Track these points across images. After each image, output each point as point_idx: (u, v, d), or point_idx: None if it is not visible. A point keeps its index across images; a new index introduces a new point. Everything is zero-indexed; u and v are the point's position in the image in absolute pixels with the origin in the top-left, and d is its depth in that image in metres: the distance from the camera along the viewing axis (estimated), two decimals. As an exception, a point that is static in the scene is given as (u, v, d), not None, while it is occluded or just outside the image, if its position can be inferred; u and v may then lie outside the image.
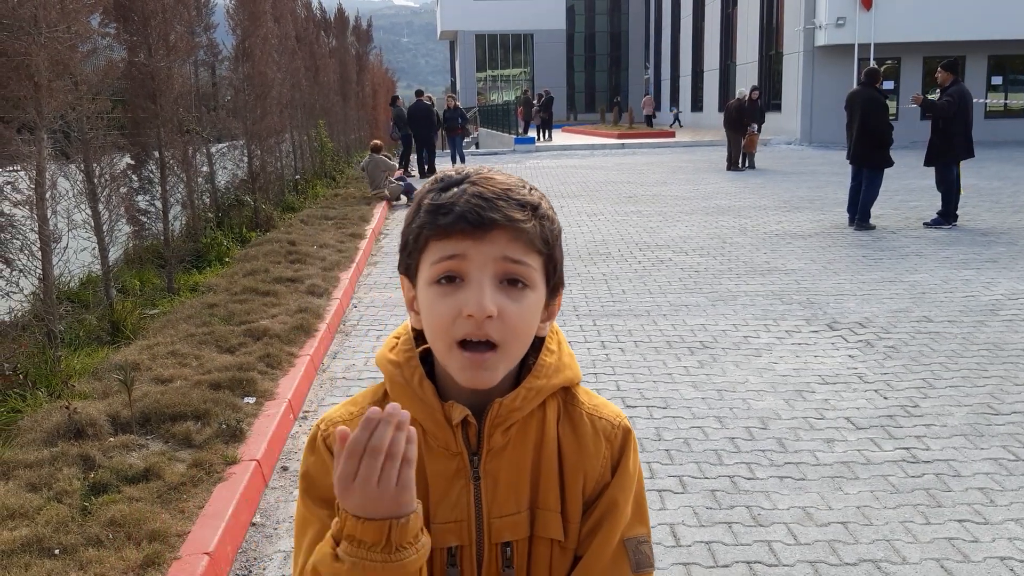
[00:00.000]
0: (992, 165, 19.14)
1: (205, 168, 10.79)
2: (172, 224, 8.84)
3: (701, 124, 43.05)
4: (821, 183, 17.10)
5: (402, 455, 1.02)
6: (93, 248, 6.78)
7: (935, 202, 11.84)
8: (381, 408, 1.18)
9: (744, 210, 13.54)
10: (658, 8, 54.51)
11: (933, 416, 4.89)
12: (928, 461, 4.31)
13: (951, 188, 11.36)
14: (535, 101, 36.30)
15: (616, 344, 6.45)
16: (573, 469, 1.22)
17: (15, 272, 5.56)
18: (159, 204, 8.63)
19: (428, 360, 1.22)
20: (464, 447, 1.19)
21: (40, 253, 5.73)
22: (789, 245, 10.33)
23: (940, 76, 11.49)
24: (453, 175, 1.15)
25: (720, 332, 6.68)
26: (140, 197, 8.70)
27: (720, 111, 28.88)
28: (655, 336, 6.63)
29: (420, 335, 1.23)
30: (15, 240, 5.57)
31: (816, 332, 6.62)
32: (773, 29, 33.80)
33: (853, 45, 27.36)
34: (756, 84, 26.84)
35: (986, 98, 28.32)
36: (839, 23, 27.77)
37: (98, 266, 6.94)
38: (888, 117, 11.57)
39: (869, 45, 27.03)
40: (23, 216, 5.67)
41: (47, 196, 5.77)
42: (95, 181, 6.61)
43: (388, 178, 16.11)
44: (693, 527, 3.69)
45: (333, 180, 18.67)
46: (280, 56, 14.09)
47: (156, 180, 8.69)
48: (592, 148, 30.61)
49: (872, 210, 11.55)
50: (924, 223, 11.56)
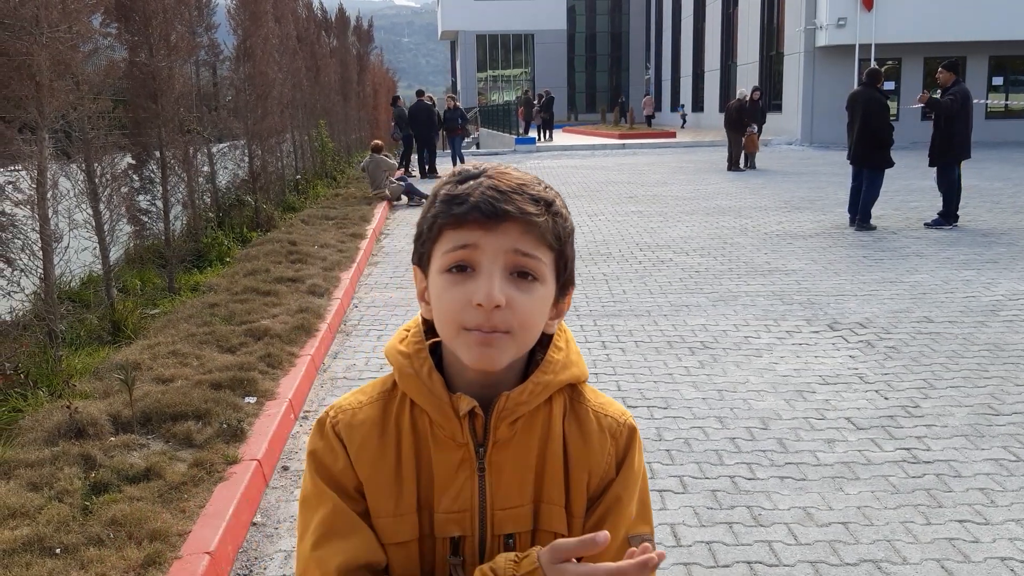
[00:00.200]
0: (993, 166, 19.13)
1: (206, 168, 10.79)
2: (173, 224, 8.84)
3: (702, 124, 43.06)
4: (822, 183, 17.10)
5: None
6: (94, 248, 6.78)
7: (936, 202, 11.84)
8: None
9: (745, 210, 13.54)
10: (659, 8, 54.51)
11: (934, 416, 4.89)
12: (929, 461, 4.31)
13: (952, 189, 11.36)
14: (535, 101, 36.30)
15: (617, 344, 6.45)
16: (578, 465, 1.24)
17: (16, 272, 5.56)
18: (160, 204, 8.63)
19: (436, 353, 1.24)
20: (470, 438, 1.20)
21: (41, 253, 5.73)
22: (790, 245, 10.33)
23: (942, 76, 11.48)
24: (471, 170, 1.17)
25: (721, 332, 6.68)
26: (141, 197, 8.70)
27: (721, 111, 28.88)
28: (656, 336, 6.63)
29: (430, 329, 1.25)
30: (16, 240, 5.57)
31: (817, 332, 6.62)
32: (774, 29, 33.80)
33: (854, 46, 27.36)
34: (757, 84, 26.83)
35: (987, 99, 28.31)
36: (840, 24, 27.77)
37: (99, 266, 6.94)
38: (889, 118, 11.57)
39: (870, 46, 27.03)
40: (24, 216, 5.67)
41: (48, 196, 5.77)
42: (96, 181, 6.61)
43: (389, 178, 16.11)
44: (694, 527, 3.69)
45: (334, 180, 18.67)
46: (281, 56, 14.10)
47: (157, 180, 8.69)
48: (593, 148, 30.62)
49: (873, 210, 11.54)
50: (925, 223, 11.56)
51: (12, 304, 5.76)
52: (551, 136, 35.34)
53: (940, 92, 11.57)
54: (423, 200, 13.35)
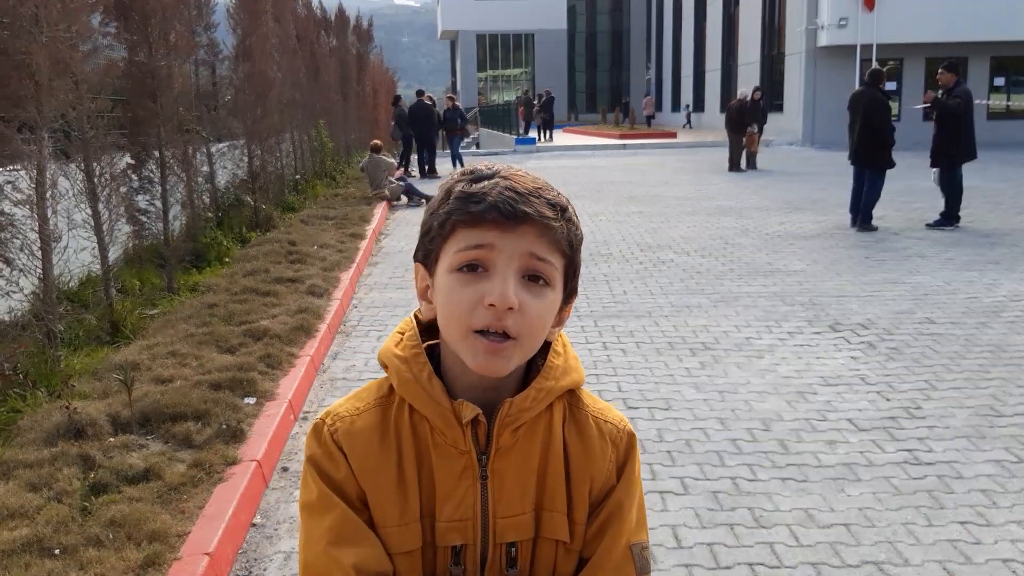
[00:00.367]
0: (994, 167, 19.12)
1: (205, 168, 10.77)
2: (172, 224, 8.82)
3: (703, 124, 43.04)
4: (823, 184, 17.09)
5: None
6: (93, 248, 6.77)
7: (937, 203, 11.83)
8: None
9: (746, 211, 13.53)
10: (659, 8, 54.46)
11: (935, 418, 4.87)
12: (930, 463, 4.29)
13: (955, 189, 11.34)
14: (535, 101, 36.29)
15: (618, 345, 6.43)
16: (580, 471, 1.23)
17: (15, 271, 5.55)
18: (159, 204, 8.62)
19: (432, 356, 1.22)
20: (473, 446, 1.19)
21: (40, 253, 5.71)
22: (791, 246, 10.32)
23: (943, 77, 11.46)
24: (483, 169, 1.16)
25: (722, 333, 6.67)
26: (140, 197, 8.67)
27: (722, 112, 28.87)
28: (657, 337, 6.61)
29: (426, 330, 1.23)
30: (15, 239, 5.56)
31: (818, 333, 6.61)
32: (775, 29, 33.78)
33: (855, 46, 27.32)
34: (758, 85, 26.81)
35: (988, 99, 28.28)
36: (841, 24, 27.75)
37: (98, 266, 6.93)
38: (891, 118, 11.55)
39: (871, 46, 27.00)
40: (23, 215, 5.66)
41: (47, 195, 5.76)
42: (95, 180, 6.59)
43: (388, 178, 16.10)
44: (695, 529, 3.67)
45: (333, 180, 18.66)
46: (280, 56, 14.09)
47: (156, 180, 8.67)
48: (593, 149, 30.61)
49: (874, 211, 11.53)
50: (927, 224, 11.54)
51: (11, 304, 5.75)
52: (551, 136, 35.34)
53: (941, 92, 11.55)
54: (423, 200, 13.34)
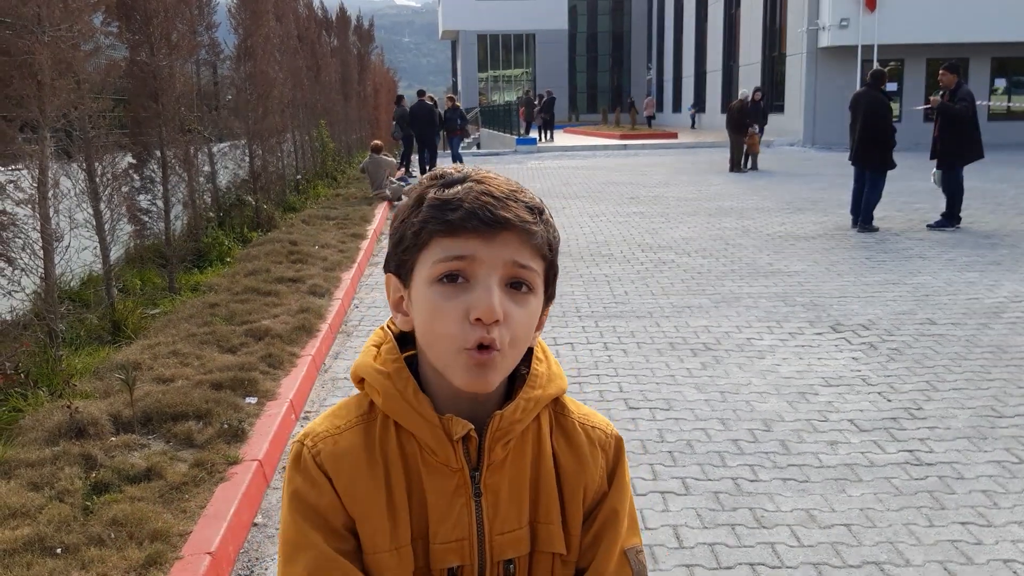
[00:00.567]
0: (995, 167, 19.11)
1: (207, 167, 10.78)
2: (173, 224, 8.83)
3: (703, 125, 43.05)
4: (824, 185, 17.09)
5: None
6: (95, 247, 6.77)
7: (938, 204, 11.83)
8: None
9: (747, 211, 13.53)
10: (660, 8, 54.49)
11: (937, 418, 4.87)
12: (931, 463, 4.29)
13: (957, 190, 11.34)
14: (536, 102, 36.29)
15: (619, 345, 6.44)
16: (572, 481, 1.20)
17: (17, 271, 5.55)
18: (161, 203, 8.62)
19: (410, 367, 1.16)
20: (464, 462, 1.14)
21: (42, 252, 5.72)
22: (792, 247, 10.32)
23: (944, 78, 11.46)
24: (453, 173, 1.10)
25: (723, 334, 6.67)
26: (142, 196, 8.68)
27: (723, 112, 28.87)
28: (658, 337, 6.62)
29: (402, 341, 1.18)
30: (17, 239, 5.56)
31: (820, 334, 6.61)
32: (776, 30, 33.79)
33: (856, 47, 27.33)
34: (758, 85, 26.82)
35: (989, 100, 28.27)
36: (842, 24, 27.75)
37: (99, 265, 6.93)
38: (892, 119, 11.55)
39: (872, 47, 27.00)
40: (25, 215, 5.66)
41: (49, 195, 5.76)
42: (97, 180, 6.60)
43: (389, 177, 16.11)
44: (696, 529, 3.68)
45: (334, 180, 18.67)
46: (282, 55, 14.09)
47: (158, 179, 8.68)
48: (594, 149, 30.61)
49: (875, 212, 11.53)
50: (928, 225, 11.54)
51: (12, 303, 5.75)
52: (552, 136, 35.35)
53: (942, 93, 11.55)
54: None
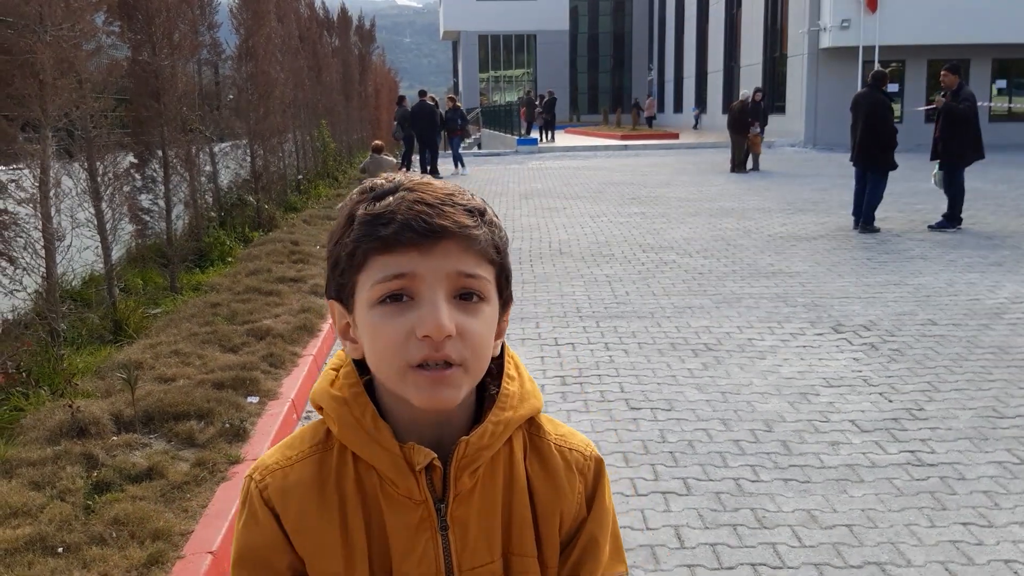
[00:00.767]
0: (996, 169, 19.11)
1: (208, 167, 10.79)
2: (175, 223, 8.83)
3: (704, 125, 43.05)
4: (825, 185, 17.09)
5: None
6: (96, 247, 6.78)
7: (940, 205, 11.83)
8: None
9: (748, 212, 13.53)
10: (662, 9, 54.49)
11: (938, 419, 4.87)
12: (933, 464, 4.29)
13: (959, 191, 11.34)
14: (538, 102, 36.31)
15: (620, 346, 6.44)
16: (547, 508, 1.12)
17: (19, 270, 5.56)
18: (162, 203, 8.63)
19: (371, 391, 1.08)
20: (428, 494, 1.05)
21: (44, 251, 5.72)
22: (793, 247, 10.32)
23: (946, 79, 11.46)
24: (384, 184, 1.02)
25: (724, 334, 6.67)
26: (143, 196, 8.69)
27: (724, 113, 28.87)
28: (659, 338, 6.61)
29: (362, 366, 1.09)
30: (19, 238, 5.56)
31: (821, 335, 6.61)
32: (777, 31, 33.78)
33: (857, 47, 27.33)
34: (759, 86, 26.81)
35: (990, 102, 28.27)
36: (843, 25, 27.75)
37: (101, 265, 6.93)
38: (893, 120, 11.55)
39: (873, 47, 27.00)
40: (27, 214, 5.66)
41: (51, 194, 5.77)
42: (99, 180, 6.60)
43: (390, 178, 16.09)
44: (698, 529, 3.68)
45: (335, 180, 18.68)
46: (283, 55, 14.10)
47: (159, 179, 8.68)
48: (595, 149, 30.61)
49: (877, 213, 11.53)
50: (929, 226, 11.54)
51: (14, 303, 5.76)
52: (553, 137, 35.36)
53: (943, 94, 11.54)
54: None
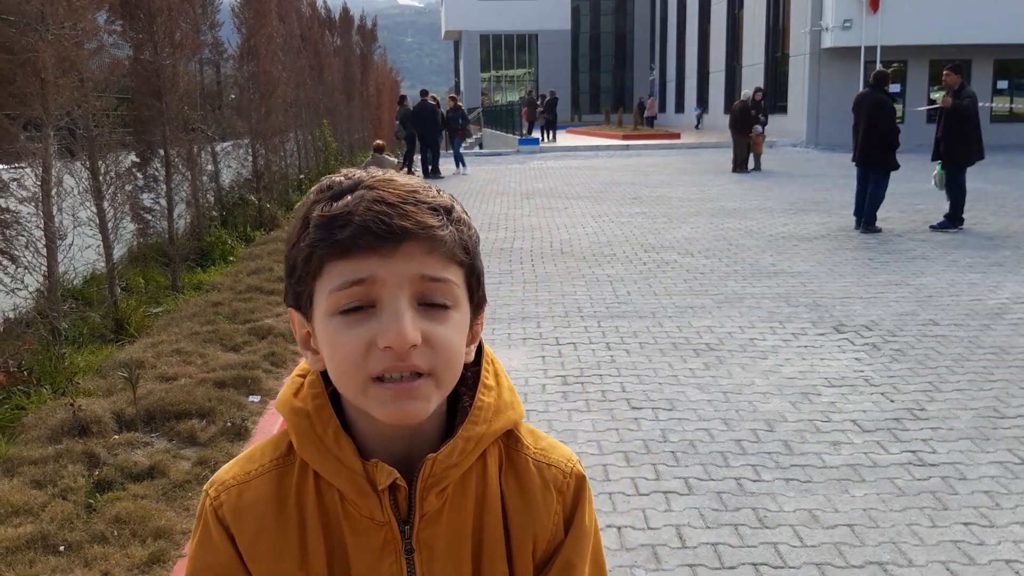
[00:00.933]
0: (997, 169, 19.10)
1: (210, 166, 10.80)
2: (176, 222, 8.84)
3: (706, 125, 43.04)
4: (827, 185, 17.08)
5: None
6: (98, 246, 6.78)
7: (941, 205, 11.82)
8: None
9: (750, 212, 13.52)
10: (663, 9, 54.46)
11: (939, 419, 4.87)
12: (934, 464, 4.29)
13: (961, 191, 11.33)
14: (539, 102, 36.31)
15: (621, 346, 6.43)
16: (521, 530, 1.03)
17: (20, 269, 5.56)
18: (164, 202, 8.63)
19: (335, 403, 1.00)
20: (392, 515, 0.98)
21: (45, 250, 5.73)
22: (795, 247, 10.31)
23: (948, 79, 11.46)
24: (343, 181, 0.95)
25: (726, 334, 6.67)
26: (145, 195, 8.71)
27: (726, 113, 28.87)
28: (661, 338, 6.61)
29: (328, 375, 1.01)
30: (20, 237, 5.57)
31: (822, 335, 6.60)
32: (779, 31, 33.76)
33: (859, 48, 27.33)
34: (759, 86, 26.79)
35: (991, 102, 28.26)
36: (845, 25, 27.73)
37: (102, 264, 6.94)
38: (896, 120, 11.55)
39: (875, 48, 26.99)
40: (29, 213, 5.67)
41: (53, 193, 5.77)
42: (100, 178, 6.61)
43: (392, 177, 16.11)
44: (699, 529, 3.68)
45: (337, 179, 18.66)
46: (285, 55, 14.10)
47: (161, 178, 8.69)
48: (596, 149, 30.61)
49: (878, 213, 11.52)
50: (930, 226, 11.53)
51: (16, 301, 5.76)
52: (554, 137, 35.35)
53: (945, 94, 11.53)
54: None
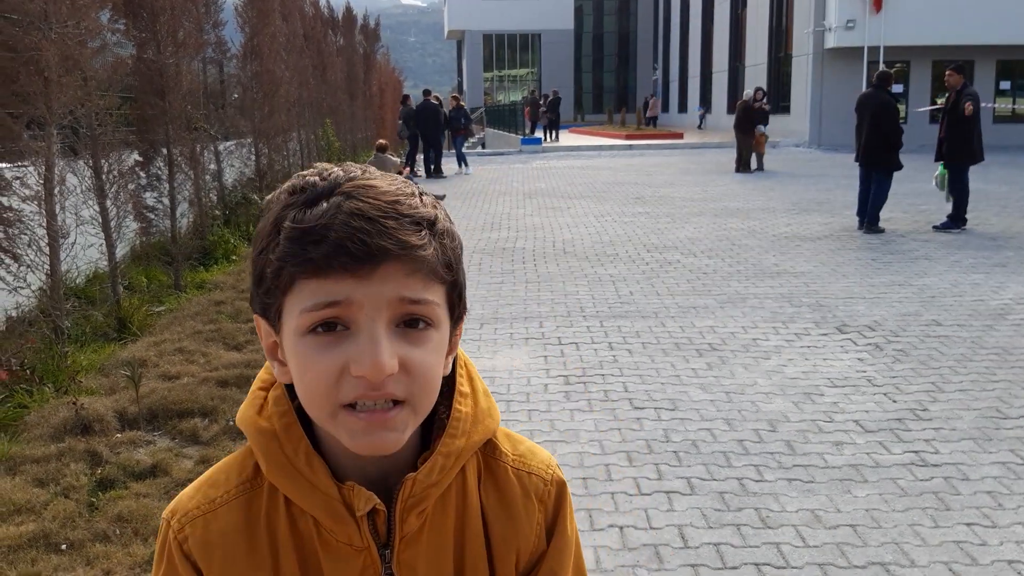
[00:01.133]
0: (1000, 170, 19.08)
1: (213, 166, 10.81)
2: (179, 221, 8.85)
3: (708, 125, 43.05)
4: (830, 186, 17.07)
5: None
6: (100, 244, 6.79)
7: (944, 205, 11.81)
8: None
9: (753, 212, 13.52)
10: (667, 9, 54.48)
11: (942, 420, 4.86)
12: (937, 464, 4.28)
13: (964, 191, 11.32)
14: (542, 101, 36.30)
15: (624, 345, 6.43)
16: (503, 543, 0.99)
17: (23, 267, 5.57)
18: (167, 201, 8.64)
19: (305, 419, 0.92)
20: (371, 540, 0.93)
21: (48, 249, 5.73)
22: (798, 248, 10.30)
23: (951, 79, 11.45)
24: (317, 181, 0.86)
25: (729, 334, 6.66)
26: (148, 194, 8.71)
27: (729, 113, 28.86)
28: (663, 338, 6.61)
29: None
30: (23, 235, 5.58)
31: (825, 335, 6.60)
32: (782, 31, 33.76)
33: (862, 48, 27.31)
34: (760, 86, 26.77)
35: (994, 103, 28.23)
36: (848, 26, 27.72)
37: (105, 262, 6.95)
38: (899, 120, 11.54)
39: (878, 48, 26.98)
40: (32, 211, 5.68)
41: (55, 192, 5.78)
42: (103, 177, 6.61)
43: (394, 177, 16.12)
44: (701, 529, 3.67)
45: (340, 179, 18.68)
46: (288, 54, 14.11)
47: (164, 177, 8.70)
48: (599, 149, 30.60)
49: (881, 213, 11.51)
50: (933, 226, 11.52)
51: (18, 300, 5.77)
52: (557, 136, 35.35)
53: (950, 94, 11.52)
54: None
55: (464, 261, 0.94)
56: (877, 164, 11.38)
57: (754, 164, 20.59)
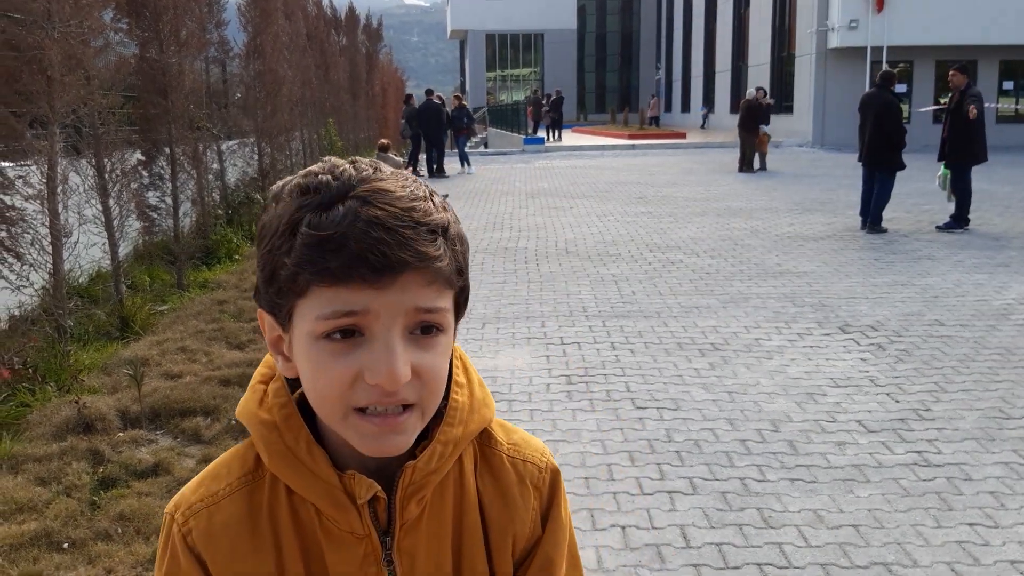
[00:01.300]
0: (1003, 170, 19.06)
1: (215, 165, 10.82)
2: (182, 220, 8.85)
3: (711, 125, 43.02)
4: (833, 185, 17.05)
5: None
6: (103, 243, 6.80)
7: (947, 205, 11.80)
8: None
9: (755, 212, 13.50)
10: (670, 8, 54.43)
11: (944, 420, 4.86)
12: (939, 465, 4.28)
13: (967, 191, 11.31)
14: (545, 101, 36.29)
15: (626, 345, 6.43)
16: (500, 529, 1.02)
17: (26, 266, 5.57)
18: (169, 200, 8.64)
19: (305, 408, 0.94)
20: (372, 527, 0.94)
21: (51, 248, 5.74)
22: (801, 247, 10.29)
23: (955, 79, 11.44)
24: (330, 181, 0.85)
25: (731, 334, 6.66)
26: (150, 193, 8.71)
27: (732, 113, 28.84)
28: (666, 338, 6.61)
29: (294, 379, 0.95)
30: (26, 234, 5.58)
31: (828, 335, 6.59)
32: (785, 31, 33.73)
33: (865, 48, 27.29)
34: (760, 85, 26.73)
35: (997, 103, 28.19)
36: (851, 26, 27.68)
37: (108, 261, 6.96)
38: (902, 120, 11.52)
39: (881, 48, 26.96)
40: (34, 210, 5.68)
41: (58, 191, 5.78)
42: (106, 176, 6.62)
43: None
44: (704, 529, 3.67)
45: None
46: (291, 54, 14.12)
47: (166, 176, 8.70)
48: (602, 149, 30.59)
49: (884, 213, 11.50)
50: (936, 226, 11.51)
51: (21, 299, 5.78)
52: (560, 136, 35.35)
53: (954, 94, 11.50)
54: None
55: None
56: (880, 164, 11.36)
57: (757, 164, 20.57)
